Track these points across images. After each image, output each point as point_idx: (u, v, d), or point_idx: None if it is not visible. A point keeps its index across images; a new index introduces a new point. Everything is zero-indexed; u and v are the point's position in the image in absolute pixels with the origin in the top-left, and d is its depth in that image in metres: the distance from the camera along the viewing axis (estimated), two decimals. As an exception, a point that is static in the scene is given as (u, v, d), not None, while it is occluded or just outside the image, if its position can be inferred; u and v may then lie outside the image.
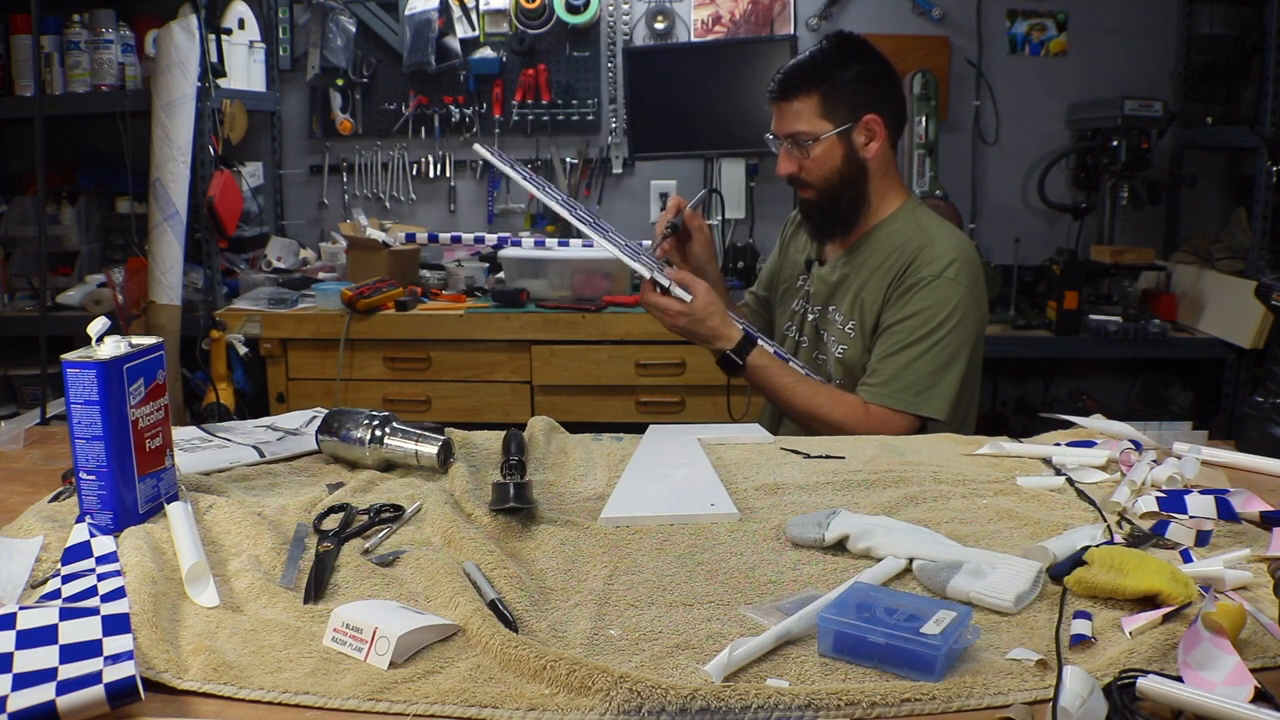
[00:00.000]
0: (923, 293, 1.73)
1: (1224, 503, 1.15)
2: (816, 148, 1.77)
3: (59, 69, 2.92)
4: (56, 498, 1.19)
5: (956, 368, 1.73)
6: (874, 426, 1.70)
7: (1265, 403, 1.56)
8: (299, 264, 3.35)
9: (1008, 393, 3.52)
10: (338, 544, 1.08)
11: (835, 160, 1.78)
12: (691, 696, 0.78)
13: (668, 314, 1.74)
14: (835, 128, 1.76)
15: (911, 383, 1.72)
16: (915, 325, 1.73)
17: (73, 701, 0.75)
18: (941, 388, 1.72)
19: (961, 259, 1.75)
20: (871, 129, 1.78)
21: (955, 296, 1.73)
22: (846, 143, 1.78)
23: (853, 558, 1.07)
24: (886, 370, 1.73)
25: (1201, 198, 3.43)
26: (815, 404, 1.75)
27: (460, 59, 3.39)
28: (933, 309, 1.72)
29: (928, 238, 1.77)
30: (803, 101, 1.76)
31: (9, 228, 3.10)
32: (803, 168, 1.79)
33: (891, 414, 1.72)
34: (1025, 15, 3.39)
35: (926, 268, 1.74)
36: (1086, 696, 0.74)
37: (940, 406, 1.72)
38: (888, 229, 1.82)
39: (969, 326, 1.74)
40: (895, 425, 1.71)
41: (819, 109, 1.76)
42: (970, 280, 1.75)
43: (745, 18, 3.38)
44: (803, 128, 1.77)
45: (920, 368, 1.72)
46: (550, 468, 1.36)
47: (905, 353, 1.73)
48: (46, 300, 2.76)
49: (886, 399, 1.72)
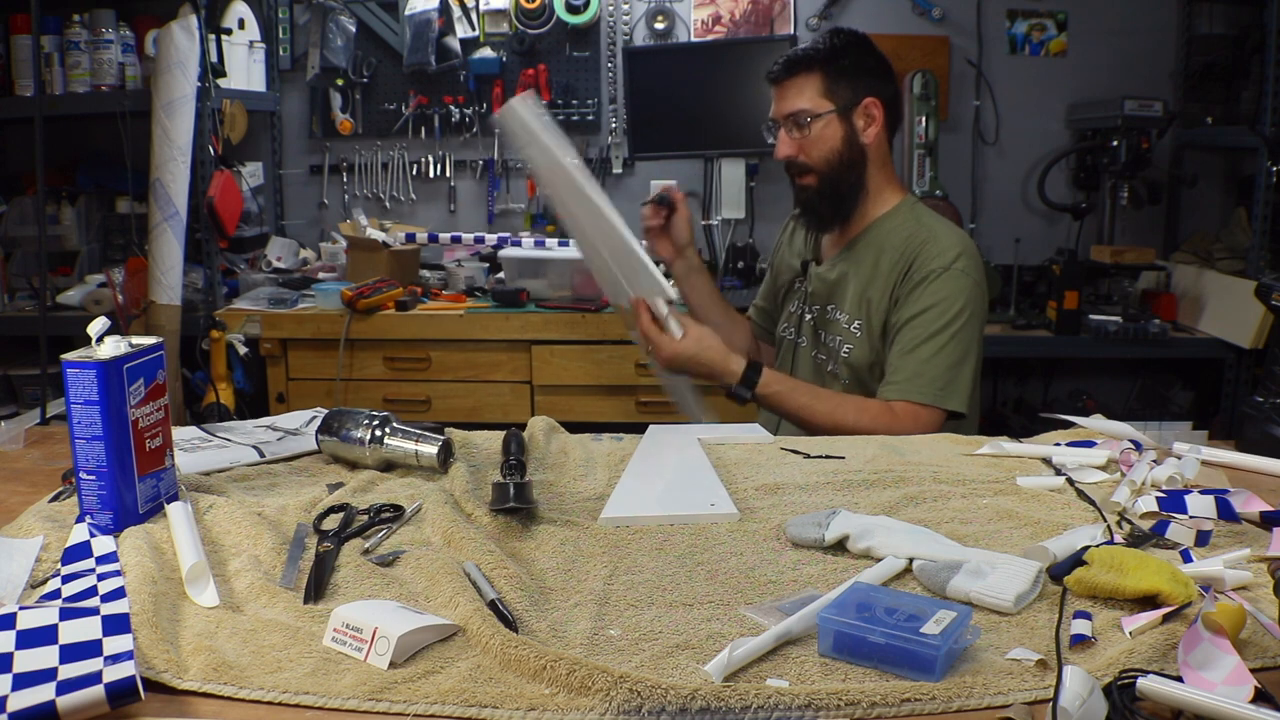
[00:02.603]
0: (934, 285, 1.73)
1: (1224, 503, 1.15)
2: (817, 125, 1.77)
3: (59, 69, 2.92)
4: (56, 498, 1.19)
5: (971, 360, 1.73)
6: (904, 426, 1.68)
7: (1265, 403, 1.56)
8: (299, 264, 3.35)
9: (1008, 393, 3.52)
10: (338, 544, 1.08)
11: (835, 140, 1.78)
12: (691, 696, 0.78)
13: (662, 349, 1.67)
14: (836, 107, 1.77)
15: (935, 377, 1.71)
16: (931, 319, 1.72)
17: (73, 701, 0.75)
18: (961, 380, 1.72)
19: (967, 251, 1.76)
20: (871, 113, 1.79)
21: (966, 288, 1.73)
22: (847, 124, 1.79)
23: (853, 558, 1.07)
24: (908, 367, 1.72)
25: (1201, 198, 3.43)
26: (839, 416, 1.72)
27: (460, 59, 3.39)
28: (946, 301, 1.72)
29: (929, 233, 1.78)
30: (804, 80, 1.78)
31: (9, 228, 3.10)
32: (802, 149, 1.80)
33: (920, 409, 1.70)
34: (1025, 15, 3.39)
35: (934, 260, 1.74)
36: (1086, 696, 0.74)
37: (962, 400, 1.72)
38: (887, 225, 1.82)
39: (978, 319, 1.75)
40: (924, 421, 1.69)
41: (820, 88, 1.77)
42: (977, 274, 1.76)
43: (745, 18, 3.38)
44: (805, 105, 1.78)
45: (941, 361, 1.71)
46: (550, 468, 1.36)
47: (924, 347, 1.72)
48: (46, 300, 2.76)
49: (914, 394, 1.71)
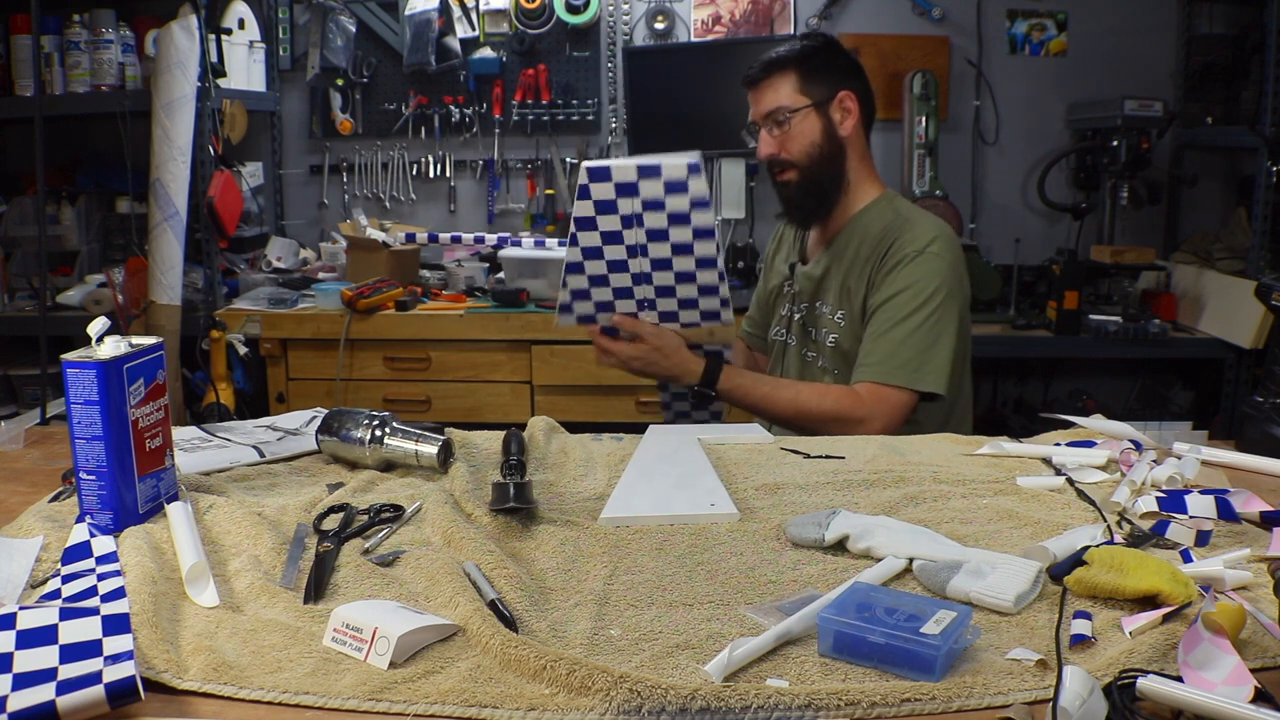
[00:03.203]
0: (907, 269, 1.75)
1: (1224, 503, 1.15)
2: (796, 120, 1.81)
3: (59, 69, 2.92)
4: (56, 498, 1.19)
5: (947, 341, 1.74)
6: (870, 407, 1.70)
7: (1265, 403, 1.55)
8: (299, 264, 3.35)
9: (1008, 393, 3.52)
10: (338, 544, 1.08)
11: (815, 134, 1.82)
12: (691, 696, 0.78)
13: (619, 350, 1.77)
14: (813, 101, 1.81)
15: (907, 359, 1.72)
16: (902, 302, 1.74)
17: (73, 701, 0.75)
18: (937, 362, 1.72)
19: (942, 235, 1.78)
20: (847, 106, 1.83)
21: (940, 271, 1.75)
22: (825, 117, 1.82)
23: (853, 558, 1.07)
24: (880, 350, 1.74)
25: (1201, 198, 3.43)
26: (801, 402, 1.75)
27: (460, 59, 3.39)
28: (919, 284, 1.74)
29: (906, 221, 1.81)
30: (780, 78, 1.82)
31: (9, 228, 3.10)
32: (783, 146, 1.83)
33: (888, 390, 1.71)
34: (1025, 15, 3.39)
35: (908, 245, 1.76)
36: (1086, 696, 0.74)
37: (938, 380, 1.72)
38: (866, 218, 1.85)
39: (955, 301, 1.76)
40: (892, 402, 1.71)
41: (796, 84, 1.82)
42: (953, 257, 1.77)
43: (745, 18, 3.38)
44: (783, 102, 1.81)
45: (913, 343, 1.72)
46: (550, 468, 1.36)
47: (897, 330, 1.73)
48: (46, 300, 2.76)
49: (883, 376, 1.72)
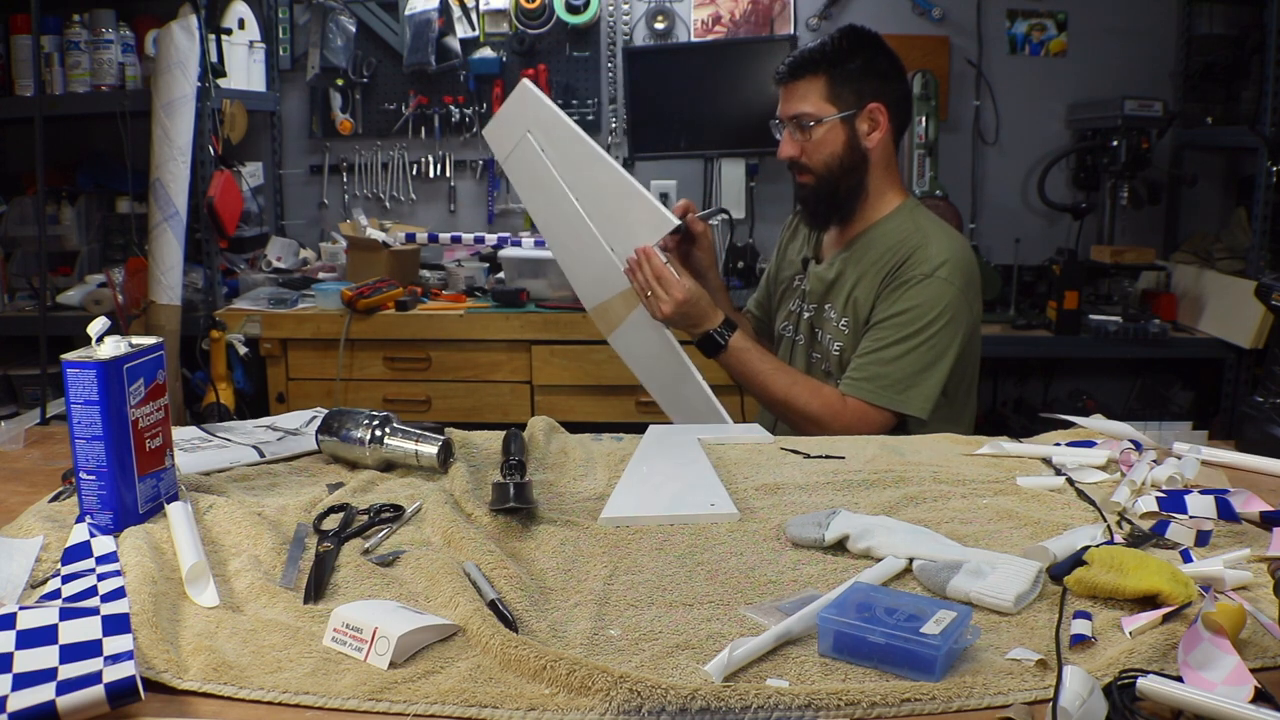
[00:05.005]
0: (913, 290, 1.73)
1: (1224, 503, 1.15)
2: (819, 130, 1.77)
3: (59, 69, 2.92)
4: (56, 498, 1.19)
5: (941, 368, 1.72)
6: (849, 420, 1.70)
7: (1265, 403, 1.56)
8: (299, 264, 3.35)
9: (1008, 393, 3.52)
10: (338, 544, 1.08)
11: (836, 145, 1.78)
12: (691, 696, 0.78)
13: (674, 291, 1.73)
14: (839, 112, 1.77)
15: (895, 381, 1.71)
16: (903, 322, 1.73)
17: (73, 701, 0.75)
18: (925, 387, 1.71)
19: (955, 260, 1.75)
20: (875, 118, 1.78)
21: (946, 297, 1.72)
22: (849, 129, 1.78)
23: (853, 558, 1.07)
24: (870, 366, 1.73)
25: (1201, 198, 3.43)
26: (793, 393, 1.75)
27: (460, 59, 3.39)
28: (922, 308, 1.72)
29: (923, 238, 1.77)
30: (809, 83, 1.77)
31: (9, 228, 3.10)
32: (804, 151, 1.80)
33: (869, 409, 1.71)
34: (1025, 15, 3.39)
35: (919, 266, 1.74)
36: (1086, 696, 0.74)
37: (923, 405, 1.71)
38: (885, 227, 1.82)
39: (958, 328, 1.73)
40: (871, 420, 1.71)
41: (824, 92, 1.77)
42: (963, 282, 1.75)
43: (745, 18, 3.38)
44: (807, 109, 1.77)
45: (904, 365, 1.71)
46: (550, 468, 1.36)
47: (890, 349, 1.72)
48: (46, 300, 2.76)
49: (867, 394, 1.72)
